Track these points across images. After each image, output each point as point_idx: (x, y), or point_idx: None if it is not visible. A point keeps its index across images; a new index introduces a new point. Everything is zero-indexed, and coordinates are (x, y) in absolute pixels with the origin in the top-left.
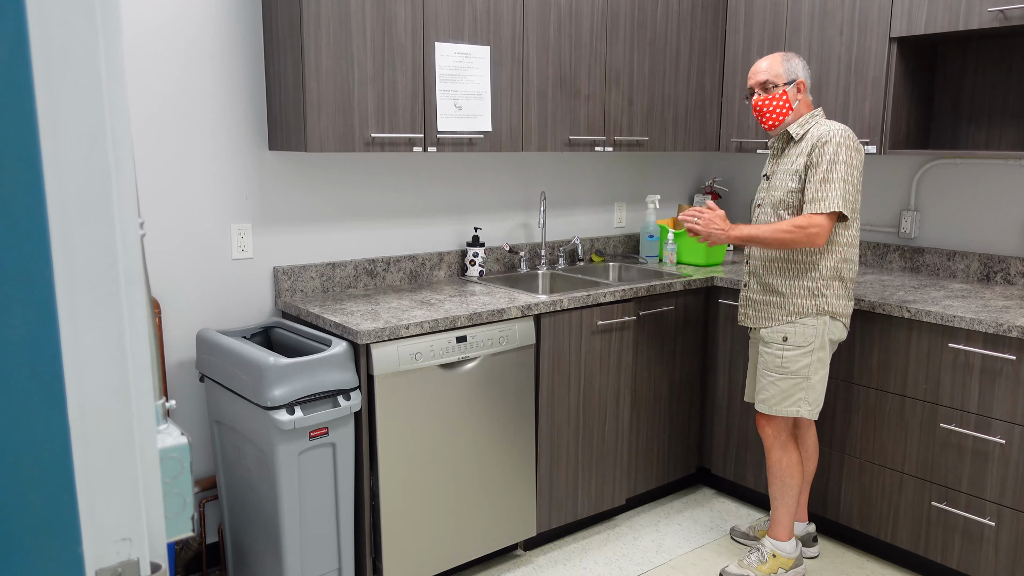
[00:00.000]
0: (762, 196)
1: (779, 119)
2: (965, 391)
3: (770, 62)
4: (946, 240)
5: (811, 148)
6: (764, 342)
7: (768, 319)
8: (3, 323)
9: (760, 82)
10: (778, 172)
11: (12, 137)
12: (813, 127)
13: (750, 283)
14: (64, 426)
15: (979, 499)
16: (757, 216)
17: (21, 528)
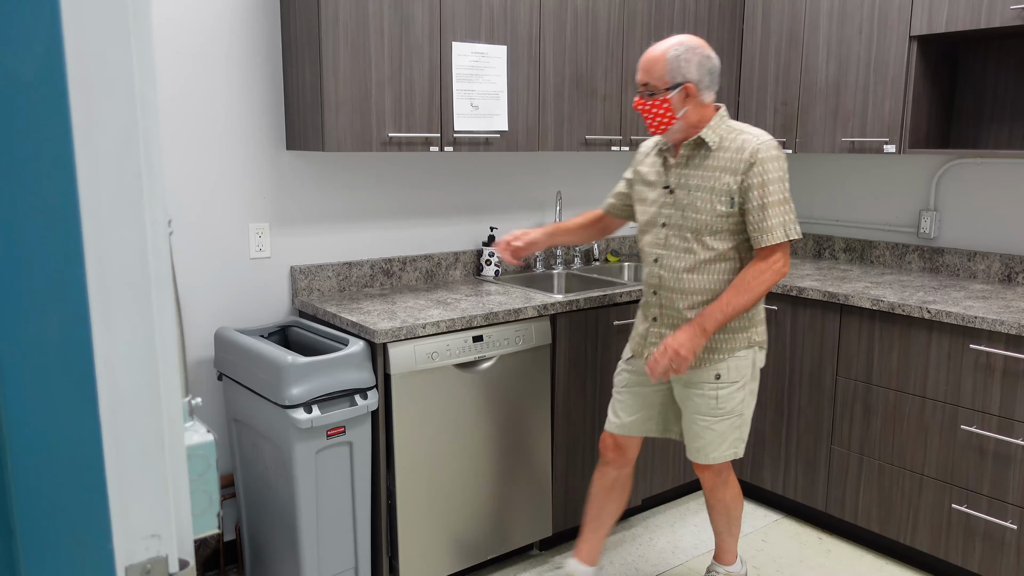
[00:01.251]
0: (667, 214)
1: (661, 128)
2: (987, 393)
3: (652, 61)
4: (966, 240)
5: (741, 164)
6: (690, 384)
7: (699, 360)
8: (38, 323)
9: (641, 83)
10: (691, 187)
11: (47, 139)
12: (733, 136)
13: (662, 318)
14: (96, 424)
15: (1001, 502)
16: (664, 239)
17: (53, 525)
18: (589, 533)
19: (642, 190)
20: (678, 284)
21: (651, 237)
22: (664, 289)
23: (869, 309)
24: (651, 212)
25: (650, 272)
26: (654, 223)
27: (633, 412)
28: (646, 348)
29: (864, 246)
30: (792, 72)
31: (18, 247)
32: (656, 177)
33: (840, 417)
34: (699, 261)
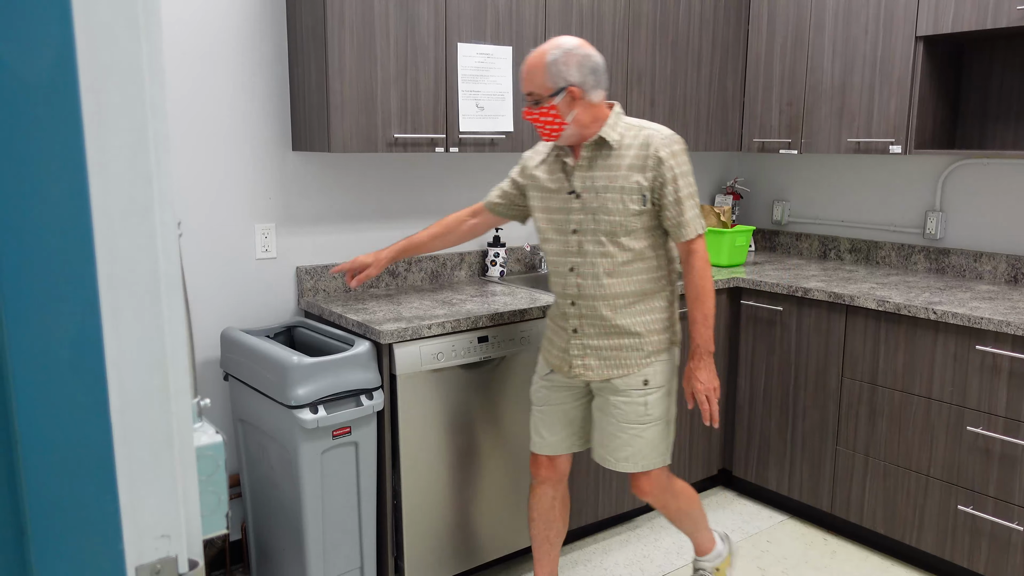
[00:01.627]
0: (577, 220)
1: (553, 135)
2: (993, 394)
3: (532, 69)
4: (972, 241)
5: (649, 160)
6: (617, 392)
7: (620, 367)
8: (49, 324)
9: (526, 92)
10: (599, 189)
11: (58, 141)
12: (634, 132)
13: (583, 328)
14: (106, 424)
15: (1007, 503)
16: (578, 245)
17: (64, 525)
18: (542, 556)
19: (540, 197)
20: (599, 291)
21: (560, 246)
22: (584, 298)
23: (875, 310)
24: (557, 219)
25: (565, 282)
26: (562, 230)
27: (557, 430)
28: (568, 362)
29: (870, 247)
30: (798, 72)
31: (30, 249)
32: (557, 184)
33: (845, 418)
34: (618, 264)
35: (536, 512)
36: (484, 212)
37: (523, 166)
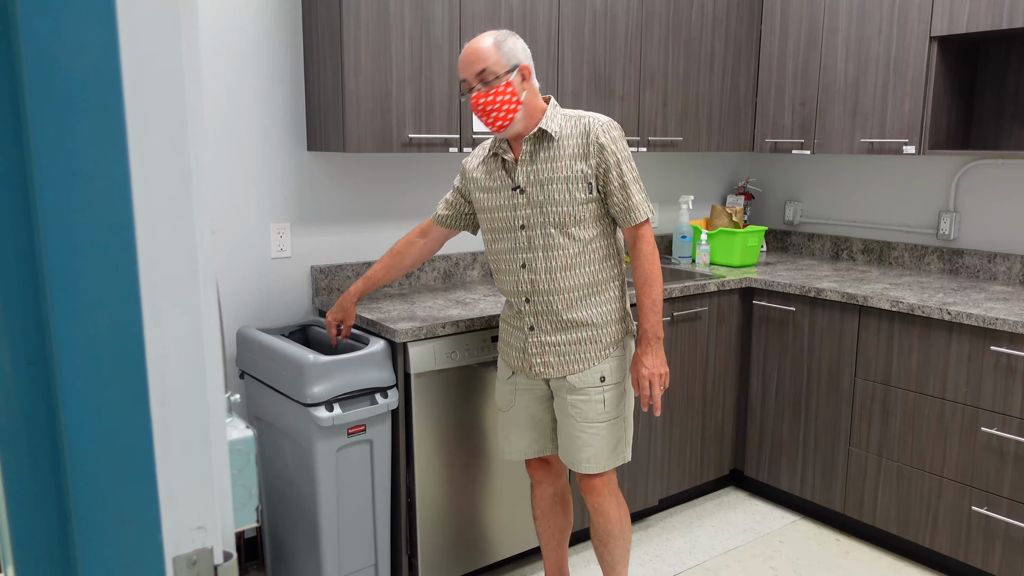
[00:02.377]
0: (524, 215)
1: (508, 118)
2: (1008, 395)
3: (482, 47)
4: (986, 242)
5: (591, 147)
6: (574, 390)
7: (579, 361)
8: (92, 319)
9: (476, 73)
10: (543, 182)
11: (102, 138)
12: (573, 122)
13: (540, 324)
14: (147, 418)
15: (1022, 504)
16: (527, 241)
17: (106, 516)
18: (549, 554)
19: (483, 198)
20: (553, 285)
21: (508, 243)
22: (538, 293)
23: (888, 310)
24: (503, 217)
25: (517, 280)
26: (509, 228)
27: (524, 434)
28: (528, 362)
29: (882, 247)
30: (811, 72)
31: (74, 245)
32: (498, 181)
33: (858, 418)
34: (571, 256)
35: (539, 511)
36: (433, 228)
37: (462, 171)
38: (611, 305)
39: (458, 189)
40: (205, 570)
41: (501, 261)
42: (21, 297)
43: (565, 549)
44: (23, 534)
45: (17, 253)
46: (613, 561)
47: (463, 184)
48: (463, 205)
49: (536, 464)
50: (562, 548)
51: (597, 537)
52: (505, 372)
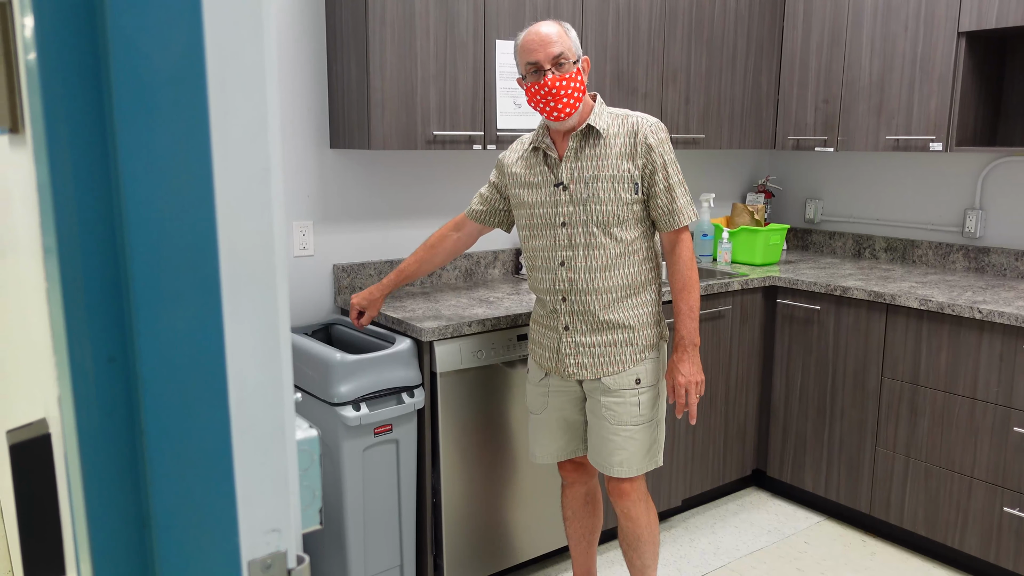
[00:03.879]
0: (566, 212)
1: (574, 106)
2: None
3: (557, 34)
4: (1014, 240)
5: (639, 147)
6: (609, 392)
7: (615, 363)
8: (172, 317)
9: (553, 55)
10: (588, 179)
11: (187, 131)
12: (620, 121)
13: (575, 324)
14: (226, 418)
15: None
16: (568, 239)
17: (183, 519)
18: (579, 555)
19: (522, 193)
20: (592, 284)
21: (547, 240)
22: (576, 293)
23: (916, 309)
24: (543, 213)
25: (555, 278)
26: (549, 224)
27: (557, 436)
28: (561, 362)
29: (906, 245)
30: (834, 70)
31: (156, 241)
32: (540, 177)
33: (885, 418)
34: (612, 256)
35: (569, 511)
36: (467, 223)
37: (499, 166)
38: (648, 308)
39: (494, 184)
40: (279, 574)
41: (538, 258)
42: (102, 293)
43: (595, 550)
44: (101, 533)
45: (100, 249)
46: (643, 565)
47: (500, 179)
48: (498, 201)
49: (569, 465)
50: (592, 549)
51: (626, 541)
52: (537, 374)
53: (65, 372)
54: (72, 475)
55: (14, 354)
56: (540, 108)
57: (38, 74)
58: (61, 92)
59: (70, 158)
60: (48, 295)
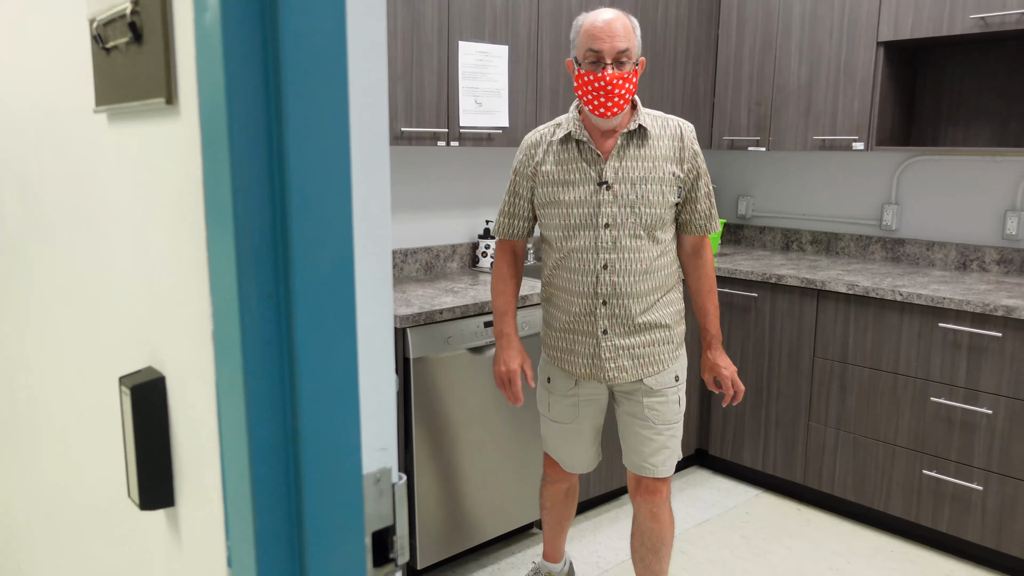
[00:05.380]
0: (610, 213)
1: (624, 105)
2: (954, 367)
3: (628, 28)
4: (925, 231)
5: (685, 152)
6: (651, 393)
7: (656, 363)
8: (318, 260)
9: (619, 51)
10: (635, 180)
11: (331, 103)
12: (662, 122)
13: (613, 327)
14: (354, 350)
15: (967, 466)
16: (612, 241)
17: (324, 437)
18: (553, 537)
19: (556, 191)
20: (634, 288)
21: (586, 242)
22: (618, 296)
23: (845, 293)
24: (582, 213)
25: (596, 281)
26: (590, 225)
27: (588, 446)
28: (601, 367)
29: (830, 238)
30: (766, 73)
31: (310, 191)
32: (577, 175)
33: (817, 395)
34: (652, 259)
35: (550, 503)
36: (518, 244)
37: (524, 165)
38: (678, 306)
39: (517, 193)
40: (386, 488)
41: (574, 260)
42: (263, 239)
43: (566, 534)
44: (261, 445)
45: (266, 204)
46: (660, 570)
47: (524, 183)
48: (527, 209)
49: (563, 475)
50: (565, 532)
51: (646, 545)
52: (566, 383)
53: (233, 307)
54: (232, 398)
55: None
56: (588, 100)
57: (221, 56)
58: (240, 73)
59: (248, 126)
60: (210, 243)
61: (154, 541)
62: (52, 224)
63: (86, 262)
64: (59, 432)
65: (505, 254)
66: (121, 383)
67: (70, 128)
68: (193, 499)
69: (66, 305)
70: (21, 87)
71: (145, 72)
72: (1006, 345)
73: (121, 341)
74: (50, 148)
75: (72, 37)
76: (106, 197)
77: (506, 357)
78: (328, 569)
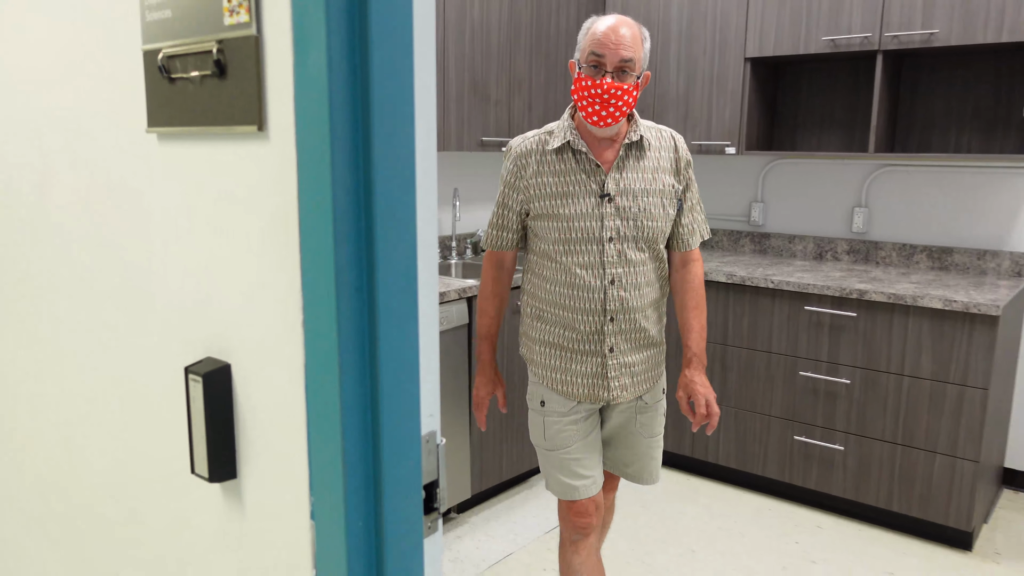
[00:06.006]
0: (614, 226)
1: (620, 117)
2: (818, 344)
3: (636, 37)
4: (787, 226)
5: (680, 162)
6: (645, 408)
7: (649, 379)
8: (394, 259)
9: (622, 59)
10: (636, 192)
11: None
12: (655, 132)
13: (619, 344)
14: (416, 330)
15: (831, 430)
16: (618, 255)
17: (398, 405)
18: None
19: (555, 205)
20: (640, 301)
21: (591, 257)
22: (626, 312)
23: (725, 283)
24: (585, 227)
25: (604, 297)
26: (593, 239)
27: (594, 464)
28: (607, 386)
29: None
30: (648, 84)
31: (392, 205)
32: (575, 186)
33: None
34: (652, 271)
35: (585, 569)
36: (506, 255)
37: (515, 176)
38: (665, 320)
39: (507, 205)
40: (432, 448)
41: (577, 276)
42: (356, 243)
43: None
44: (350, 413)
45: (356, 213)
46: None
47: (515, 196)
48: (516, 221)
49: (591, 507)
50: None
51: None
52: (563, 405)
53: (330, 300)
54: (325, 375)
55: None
56: (584, 105)
57: (327, 95)
58: (339, 110)
59: (343, 152)
60: (305, 246)
61: (217, 511)
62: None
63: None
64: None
65: (492, 268)
66: (189, 371)
67: (120, 144)
68: (256, 470)
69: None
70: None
71: (228, 102)
72: (860, 324)
73: (176, 337)
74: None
75: (122, 63)
76: (152, 209)
77: (477, 383)
78: (397, 517)
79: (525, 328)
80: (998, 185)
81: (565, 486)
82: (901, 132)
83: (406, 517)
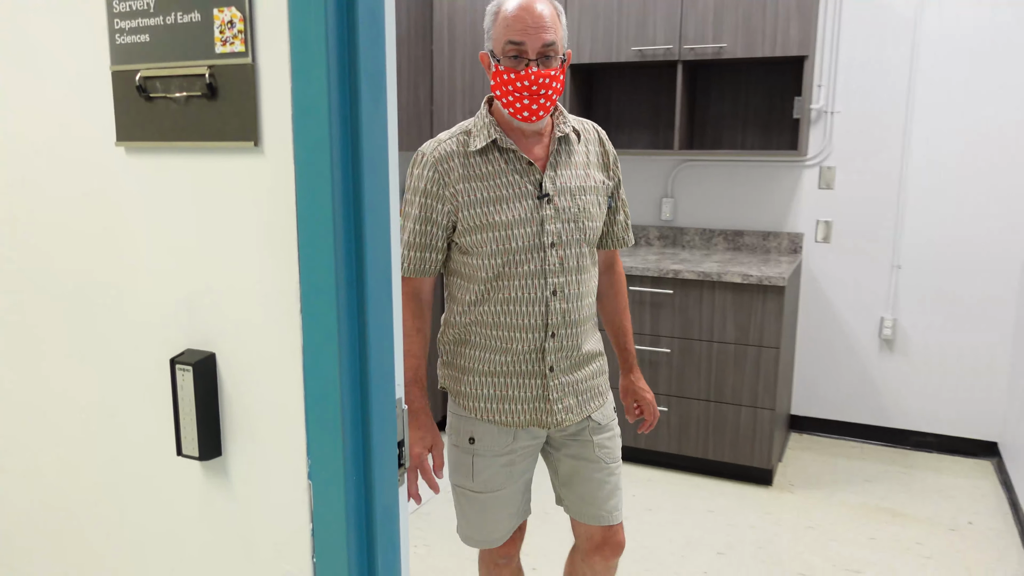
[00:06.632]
0: (554, 230)
1: (551, 106)
2: (643, 319)
3: (552, 12)
4: (698, 221)
5: (608, 157)
6: (599, 429)
7: (597, 396)
8: (380, 260)
9: (545, 44)
10: (572, 191)
11: (381, 167)
12: (580, 124)
13: (559, 363)
14: (392, 317)
15: (657, 394)
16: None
17: (382, 377)
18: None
19: (489, 212)
20: (581, 313)
21: (534, 266)
22: (567, 325)
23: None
24: (525, 233)
25: (546, 311)
26: (534, 246)
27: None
28: (549, 409)
29: None
30: (476, 87)
31: (378, 214)
32: (509, 189)
33: None
34: (592, 278)
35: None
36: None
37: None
38: (599, 329)
39: (430, 219)
40: (401, 412)
41: (519, 288)
42: (347, 242)
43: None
44: (347, 384)
45: (349, 217)
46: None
47: (440, 207)
48: (444, 237)
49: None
50: None
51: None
52: (501, 439)
53: (329, 290)
54: (324, 352)
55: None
56: (510, 102)
57: (327, 116)
58: (335, 131)
59: (339, 166)
60: (302, 245)
61: (205, 486)
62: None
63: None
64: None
65: (411, 300)
66: (176, 362)
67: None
68: (250, 444)
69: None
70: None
71: (220, 120)
72: (675, 299)
73: (155, 332)
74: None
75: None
76: (124, 217)
77: (412, 439)
78: (382, 474)
79: (448, 358)
80: (776, 176)
81: (489, 535)
82: (698, 131)
83: (388, 471)
